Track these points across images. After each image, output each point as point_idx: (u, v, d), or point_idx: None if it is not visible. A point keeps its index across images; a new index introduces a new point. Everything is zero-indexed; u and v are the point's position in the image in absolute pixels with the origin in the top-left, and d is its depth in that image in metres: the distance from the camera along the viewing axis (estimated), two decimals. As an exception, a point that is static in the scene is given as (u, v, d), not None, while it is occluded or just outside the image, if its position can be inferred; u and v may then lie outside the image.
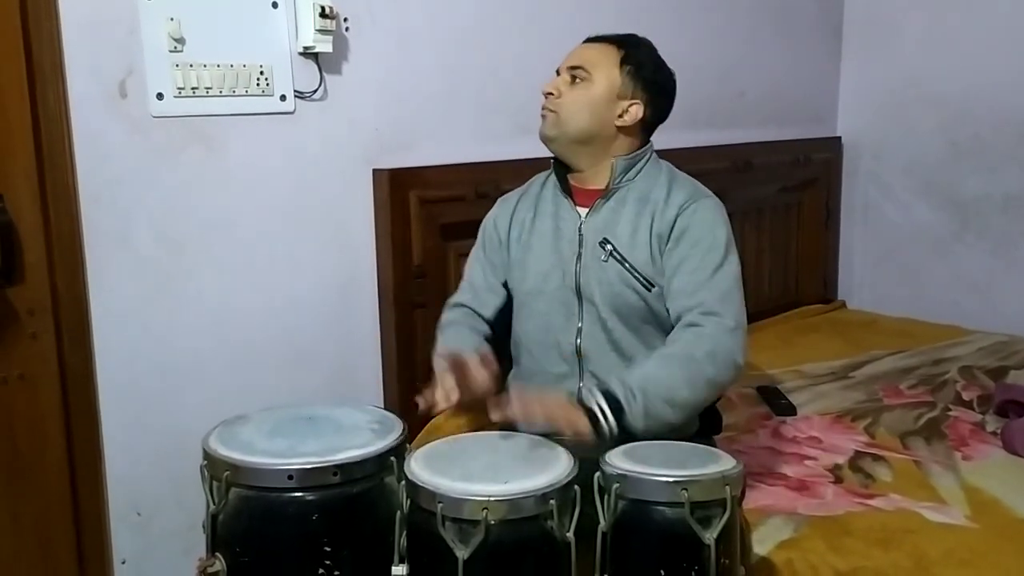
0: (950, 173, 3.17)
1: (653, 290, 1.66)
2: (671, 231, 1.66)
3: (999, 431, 2.11)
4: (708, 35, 2.87)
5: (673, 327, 1.63)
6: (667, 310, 1.66)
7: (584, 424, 1.46)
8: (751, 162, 2.95)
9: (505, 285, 1.80)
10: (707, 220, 1.67)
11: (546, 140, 1.72)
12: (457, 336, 1.73)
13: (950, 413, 2.28)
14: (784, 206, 3.21)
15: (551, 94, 1.70)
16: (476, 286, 1.82)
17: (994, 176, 3.07)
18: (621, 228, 1.68)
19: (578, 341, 1.70)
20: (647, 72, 1.70)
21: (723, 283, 1.62)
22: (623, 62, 1.68)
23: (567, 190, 1.74)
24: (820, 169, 3.28)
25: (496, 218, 1.83)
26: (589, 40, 1.75)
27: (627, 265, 1.66)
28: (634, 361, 1.67)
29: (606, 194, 1.70)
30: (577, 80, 1.69)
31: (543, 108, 1.71)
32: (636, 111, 1.69)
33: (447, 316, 1.82)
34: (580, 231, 1.70)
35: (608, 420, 1.47)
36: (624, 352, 1.68)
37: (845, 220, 3.44)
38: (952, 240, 3.20)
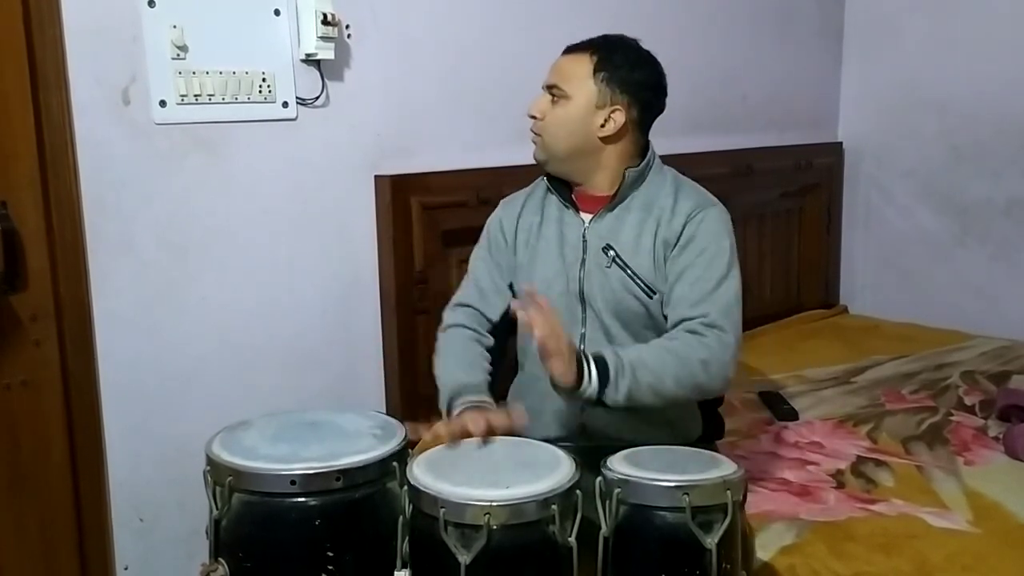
0: (952, 178, 3.17)
1: (655, 297, 1.66)
2: (678, 239, 1.65)
3: (1001, 436, 2.11)
4: (710, 40, 2.88)
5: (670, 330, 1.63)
6: (664, 316, 1.65)
7: (569, 374, 1.46)
8: (752, 167, 2.95)
9: (511, 287, 1.79)
10: (713, 230, 1.66)
11: (538, 162, 1.73)
12: (458, 367, 1.69)
13: (952, 418, 2.28)
14: (785, 211, 3.22)
15: (535, 117, 1.70)
16: (483, 288, 1.80)
17: (996, 181, 3.07)
18: (625, 235, 1.68)
19: (582, 347, 1.69)
20: (623, 73, 1.66)
21: (726, 297, 1.62)
22: (596, 70, 1.66)
23: (567, 198, 1.74)
24: (821, 174, 3.28)
25: (502, 220, 1.82)
26: (566, 50, 1.72)
27: (629, 271, 1.66)
28: None
29: (611, 202, 1.70)
30: (556, 99, 1.68)
31: (531, 131, 1.71)
32: (619, 117, 1.66)
33: (451, 319, 1.79)
34: (584, 236, 1.70)
35: (591, 386, 1.48)
36: None
37: (847, 225, 3.44)
38: (954, 245, 3.20)
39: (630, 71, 1.67)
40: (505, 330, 1.79)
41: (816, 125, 3.34)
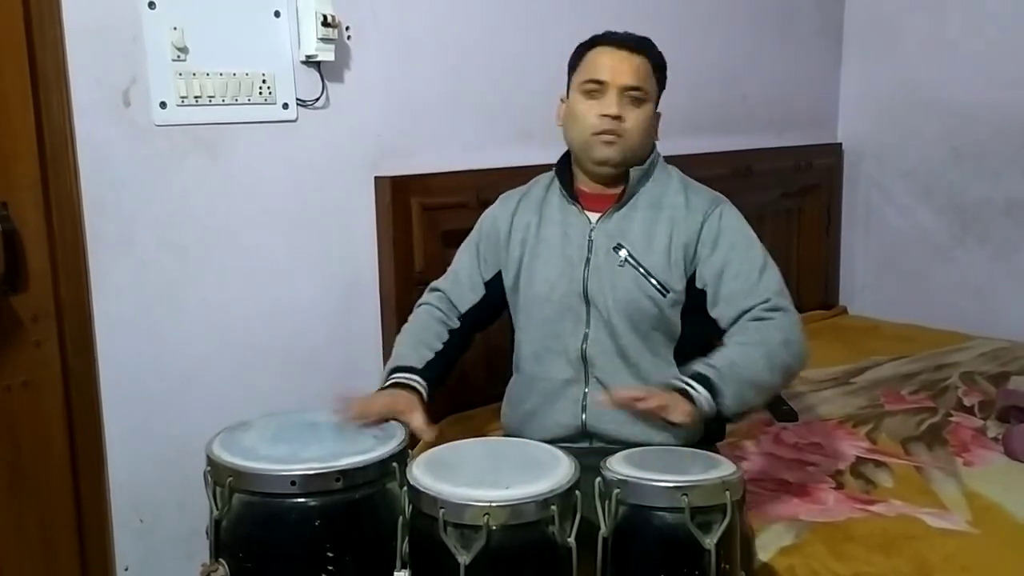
0: (951, 178, 3.17)
1: (668, 296, 1.66)
2: (699, 238, 1.67)
3: (1000, 437, 2.11)
4: (710, 40, 2.88)
5: (724, 329, 1.65)
6: (714, 319, 1.66)
7: (686, 410, 1.47)
8: (752, 167, 2.95)
9: (487, 284, 1.80)
10: (736, 224, 1.70)
11: (609, 164, 1.68)
12: (408, 342, 1.73)
13: (951, 419, 2.28)
14: (785, 212, 3.22)
15: (617, 118, 1.64)
16: (460, 279, 1.82)
17: (995, 181, 3.07)
18: (634, 233, 1.68)
19: (584, 346, 1.70)
20: (664, 75, 1.73)
21: (774, 280, 1.67)
22: (655, 72, 1.70)
23: (573, 195, 1.74)
24: (821, 175, 3.28)
25: (496, 216, 1.82)
26: (621, 46, 1.68)
27: (643, 270, 1.66)
28: (640, 368, 1.67)
29: (620, 200, 1.70)
30: (636, 100, 1.66)
31: (607, 132, 1.64)
32: (659, 119, 1.73)
33: (425, 298, 1.84)
34: (590, 236, 1.70)
35: (705, 402, 1.49)
36: (630, 358, 1.68)
37: (846, 226, 3.44)
38: (953, 245, 3.20)
39: (665, 73, 1.73)
40: (475, 322, 1.80)
41: (816, 125, 3.34)
